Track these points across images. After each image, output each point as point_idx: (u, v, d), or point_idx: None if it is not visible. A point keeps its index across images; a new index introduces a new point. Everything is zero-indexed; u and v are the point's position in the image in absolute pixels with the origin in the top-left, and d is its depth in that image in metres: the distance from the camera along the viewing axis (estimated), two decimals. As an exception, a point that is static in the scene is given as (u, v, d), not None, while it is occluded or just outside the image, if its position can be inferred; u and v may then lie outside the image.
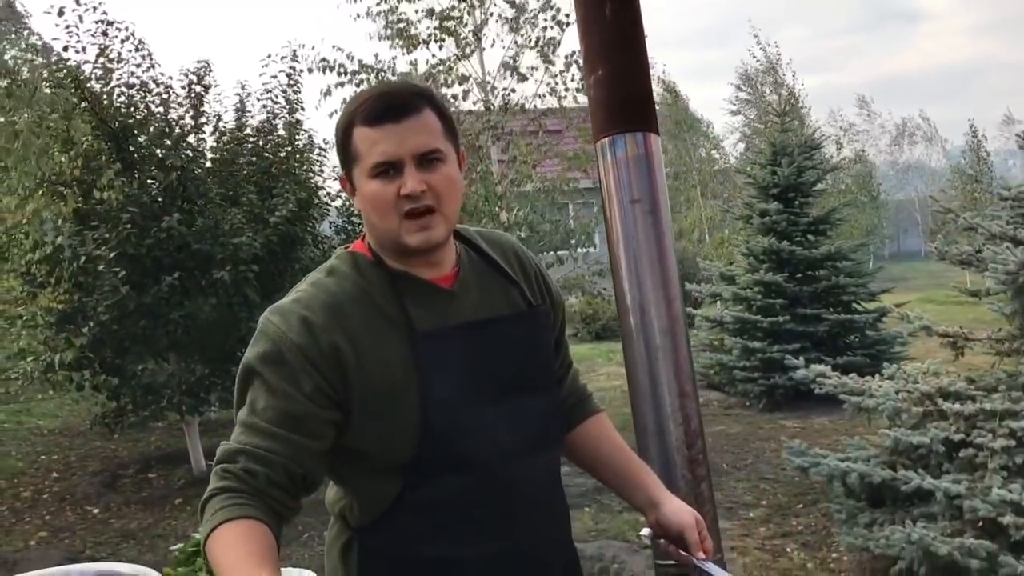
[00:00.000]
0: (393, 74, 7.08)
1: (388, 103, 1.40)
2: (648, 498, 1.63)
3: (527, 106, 7.30)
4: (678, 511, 1.59)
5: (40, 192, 6.21)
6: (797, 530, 5.55)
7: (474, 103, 7.39)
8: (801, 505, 6.01)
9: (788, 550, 5.20)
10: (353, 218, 8.23)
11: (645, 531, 1.65)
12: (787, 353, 7.17)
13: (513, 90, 7.28)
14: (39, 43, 7.09)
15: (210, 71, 7.25)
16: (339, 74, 7.09)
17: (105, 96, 6.94)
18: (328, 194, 8.09)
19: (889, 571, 4.48)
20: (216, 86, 7.44)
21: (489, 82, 7.32)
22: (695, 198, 18.67)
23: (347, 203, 8.22)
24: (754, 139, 23.78)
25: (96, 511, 6.84)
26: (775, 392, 8.98)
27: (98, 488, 7.37)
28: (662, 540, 1.62)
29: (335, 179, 8.31)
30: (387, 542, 1.47)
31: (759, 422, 8.72)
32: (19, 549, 5.99)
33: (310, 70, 7.20)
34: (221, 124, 7.60)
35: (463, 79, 7.31)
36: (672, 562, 2.11)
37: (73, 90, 6.62)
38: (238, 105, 7.74)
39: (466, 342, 1.46)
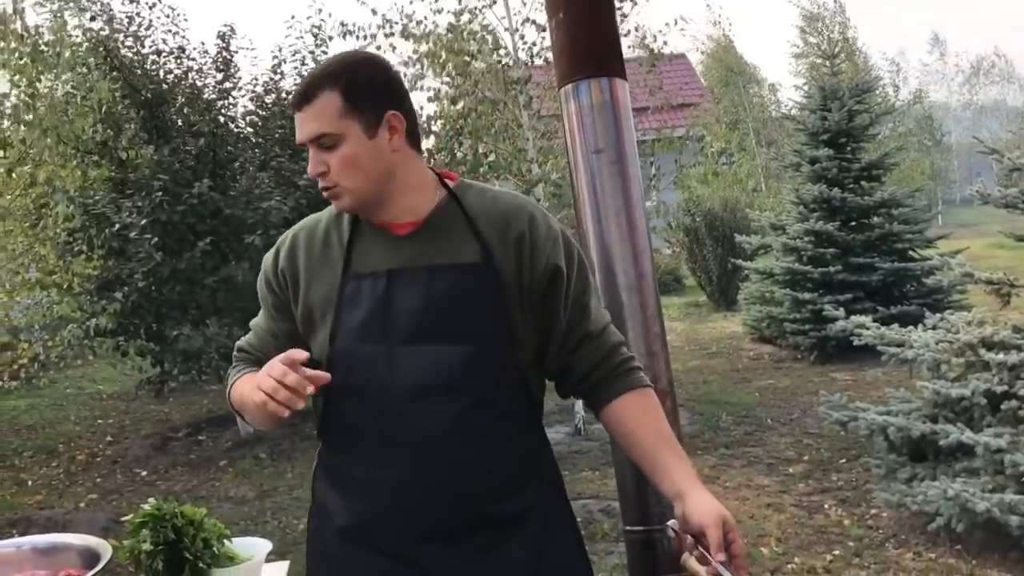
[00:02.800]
0: (407, 36, 6.95)
1: (296, 93, 1.59)
2: (675, 489, 1.55)
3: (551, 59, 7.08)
4: (701, 507, 1.50)
5: (73, 161, 6.28)
6: (837, 486, 5.40)
7: (502, 54, 7.21)
8: (844, 460, 5.84)
9: (825, 506, 5.06)
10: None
11: (671, 522, 1.57)
12: (839, 304, 6.96)
13: (535, 43, 7.09)
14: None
15: (234, 35, 7.24)
16: (358, 38, 6.99)
17: (137, 64, 6.97)
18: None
19: (927, 527, 4.33)
20: (252, 49, 7.43)
21: (517, 29, 7.13)
22: (750, 146, 18.20)
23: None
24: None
25: (144, 473, 7.00)
26: (826, 344, 8.75)
27: (148, 451, 7.54)
28: (687, 536, 1.52)
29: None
30: (322, 455, 1.74)
31: (809, 375, 8.52)
32: (69, 511, 6.16)
33: (330, 38, 7.12)
34: (252, 88, 7.59)
35: (486, 29, 7.14)
36: (639, 528, 2.04)
37: (104, 58, 6.65)
38: (270, 69, 7.71)
39: (389, 284, 1.58)
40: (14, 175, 5.74)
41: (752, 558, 4.35)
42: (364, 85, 1.56)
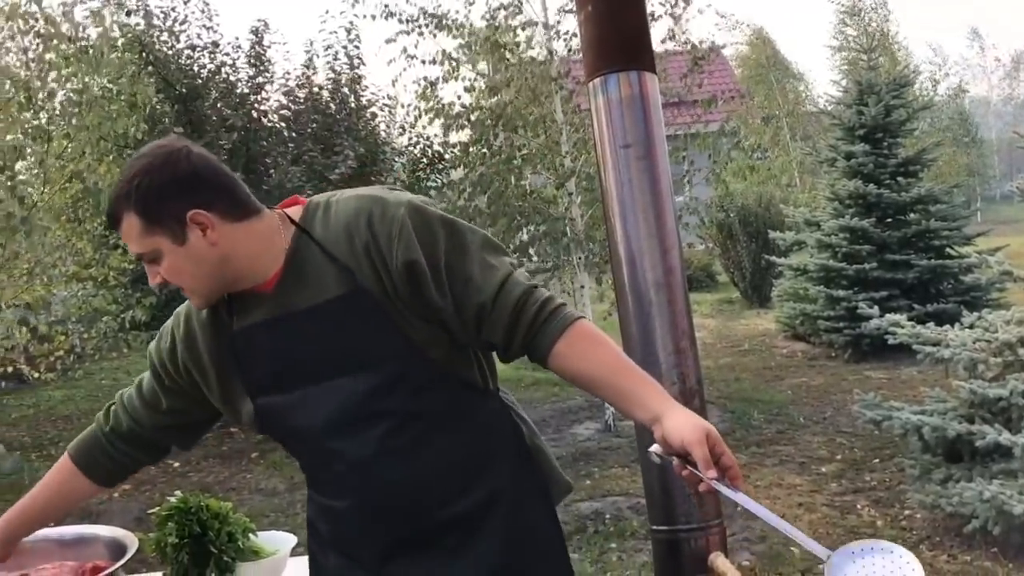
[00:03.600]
0: (442, 28, 6.93)
1: (106, 216, 1.63)
2: (649, 413, 1.44)
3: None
4: (681, 425, 1.38)
5: (110, 156, 6.35)
6: (870, 486, 5.33)
7: (539, 48, 7.19)
8: (877, 460, 5.76)
9: (858, 507, 5.00)
10: (418, 173, 8.21)
11: (653, 448, 1.44)
12: (874, 302, 6.86)
13: (575, 34, 7.04)
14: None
15: (267, 29, 7.28)
16: (400, 21, 6.99)
17: (172, 59, 7.03)
18: (393, 148, 8.07)
19: (962, 530, 4.25)
20: (285, 43, 7.48)
21: (553, 25, 7.10)
22: (784, 140, 17.99)
23: (412, 158, 8.18)
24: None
25: (177, 465, 7.07)
26: (861, 342, 8.65)
27: (181, 442, 7.60)
28: (673, 459, 1.41)
29: (400, 135, 8.30)
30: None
31: (843, 373, 8.42)
32: (103, 501, 6.23)
33: (373, 16, 7.09)
34: (284, 83, 7.63)
35: (528, 24, 7.12)
36: (665, 527, 2.01)
37: (140, 53, 6.72)
38: (302, 63, 7.75)
39: (273, 335, 1.57)
40: (53, 170, 5.82)
41: (782, 558, 4.31)
42: (155, 197, 1.48)
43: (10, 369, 5.99)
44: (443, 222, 1.54)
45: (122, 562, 1.77)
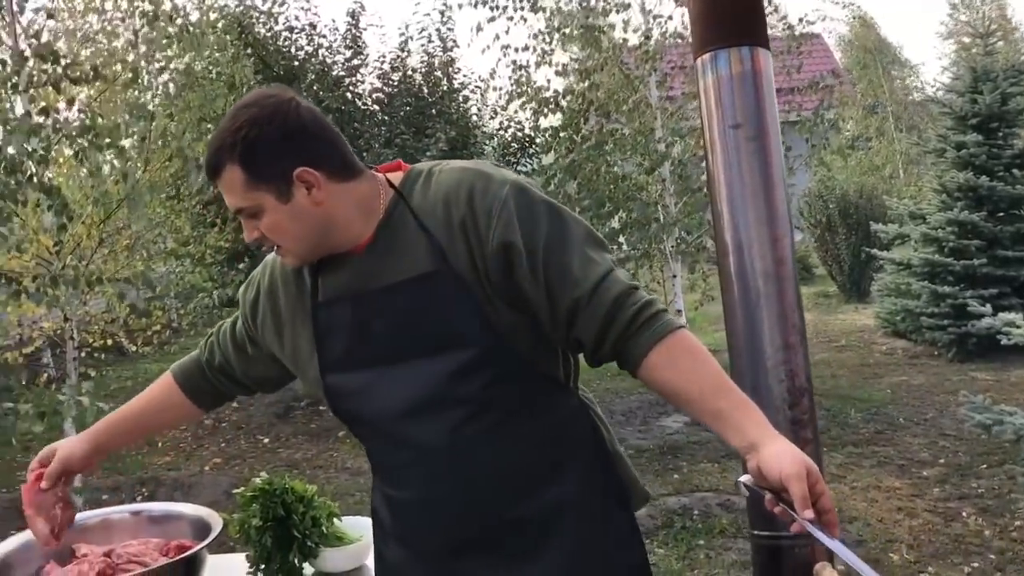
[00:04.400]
0: (536, 10, 6.84)
1: (204, 164, 1.50)
2: (745, 440, 1.32)
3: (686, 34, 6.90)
4: (780, 457, 1.26)
5: (209, 136, 6.44)
6: (976, 493, 5.05)
7: (634, 30, 7.03)
8: (985, 466, 5.46)
9: (963, 514, 4.74)
10: (508, 158, 8.14)
11: (744, 478, 1.33)
12: (983, 299, 6.52)
13: (671, 17, 6.88)
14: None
15: (364, 12, 7.30)
16: (491, 8, 6.92)
17: (270, 41, 7.12)
18: (484, 132, 8.02)
19: (1080, 546, 3.99)
20: (381, 26, 7.50)
21: (650, 9, 6.94)
22: (888, 130, 17.31)
23: (503, 142, 8.13)
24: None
25: (267, 440, 7.20)
26: (967, 341, 8.24)
27: (271, 418, 7.75)
28: (766, 492, 1.30)
29: (491, 117, 8.24)
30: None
31: (947, 373, 8.04)
32: (194, 474, 6.39)
33: (460, 5, 7.05)
34: (379, 65, 7.65)
35: (624, 6, 6.96)
36: (768, 533, 1.89)
37: (239, 35, 6.81)
38: (397, 46, 7.76)
39: (356, 308, 1.50)
40: (154, 148, 5.95)
41: (881, 564, 4.11)
42: (262, 151, 1.42)
43: (109, 342, 6.17)
44: (547, 206, 1.45)
45: (206, 542, 1.74)
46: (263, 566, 1.80)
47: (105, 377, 8.13)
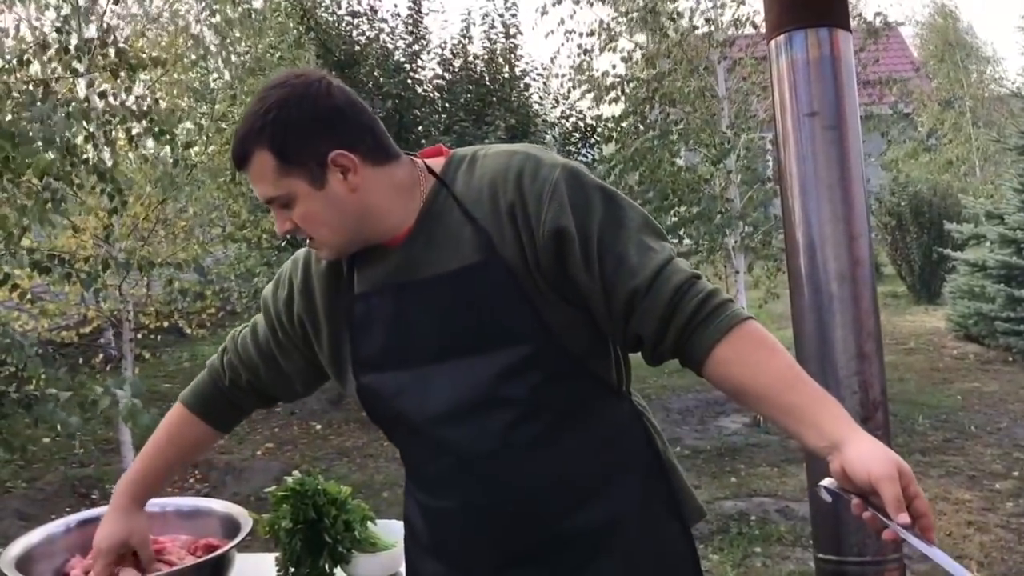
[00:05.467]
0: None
1: (231, 152, 1.39)
2: (827, 439, 1.18)
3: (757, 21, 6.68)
4: (868, 456, 1.14)
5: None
6: (1053, 510, 4.79)
7: (700, 18, 6.83)
8: (1062, 481, 5.19)
9: (1039, 532, 4.50)
10: (569, 147, 8.00)
11: (827, 482, 1.19)
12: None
13: (742, 2, 6.65)
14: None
15: (426, -3, 7.23)
16: (552, -4, 6.81)
17: (332, 25, 7.09)
18: (544, 121, 7.90)
19: None
20: (442, 12, 7.44)
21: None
22: (964, 126, 16.71)
23: (564, 131, 8.00)
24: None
25: (319, 427, 7.20)
26: (1045, 348, 7.90)
27: (324, 405, 7.75)
28: (852, 497, 1.16)
29: (553, 106, 8.11)
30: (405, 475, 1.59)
31: (1021, 381, 7.69)
32: (246, 458, 6.41)
33: (525, -7, 6.96)
34: (440, 52, 7.58)
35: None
36: (834, 557, 1.74)
37: (301, 19, 6.80)
38: (459, 32, 7.68)
39: (395, 303, 1.40)
40: (212, 132, 5.95)
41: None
42: (295, 134, 1.32)
43: (166, 324, 6.20)
44: (601, 191, 1.35)
45: (234, 543, 1.67)
46: (292, 570, 1.71)
47: (161, 359, 8.23)
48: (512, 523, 1.40)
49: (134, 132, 4.50)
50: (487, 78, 7.52)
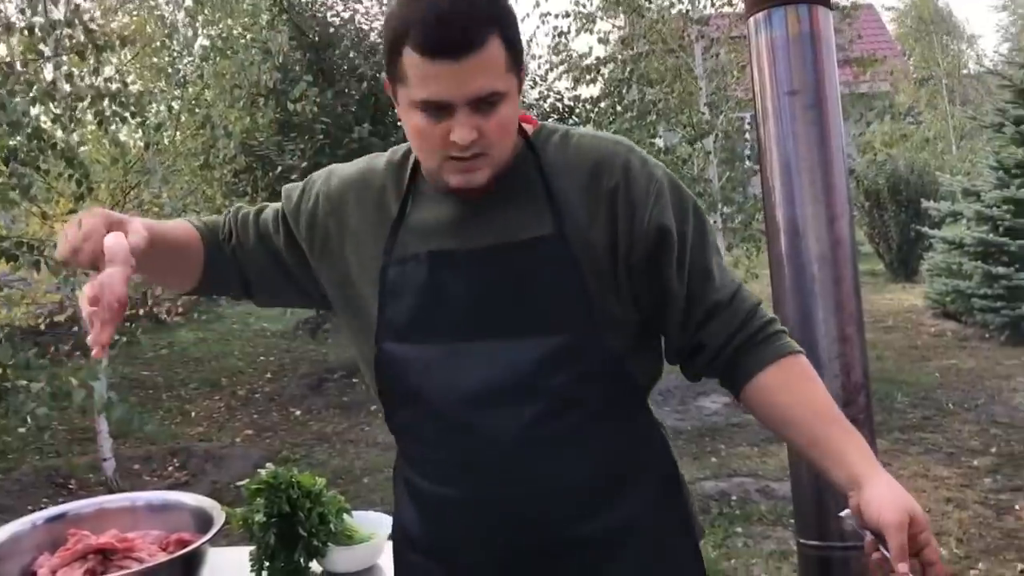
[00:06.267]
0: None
1: (446, 36, 1.16)
2: (849, 476, 1.22)
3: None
4: (881, 500, 1.16)
5: (240, 103, 6.36)
6: (1031, 485, 4.83)
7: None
8: (1040, 456, 5.23)
9: (1017, 507, 4.52)
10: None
11: (846, 513, 1.24)
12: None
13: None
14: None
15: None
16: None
17: (306, 7, 6.98)
18: (523, 102, 7.82)
19: None
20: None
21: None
22: (941, 104, 16.79)
23: (541, 112, 7.94)
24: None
25: (298, 413, 7.15)
26: (1021, 324, 7.95)
27: (304, 390, 7.70)
28: (867, 533, 1.19)
29: (531, 87, 8.05)
30: (398, 463, 1.49)
31: (998, 357, 7.75)
32: (225, 445, 6.35)
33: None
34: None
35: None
36: (816, 543, 1.73)
37: (274, 1, 6.69)
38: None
39: (441, 266, 1.30)
40: (184, 116, 5.86)
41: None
42: (516, 31, 1.23)
43: (141, 312, 6.12)
44: (695, 204, 1.37)
45: (207, 538, 1.62)
46: (267, 564, 1.67)
47: (140, 346, 8.12)
48: (521, 523, 1.33)
49: (106, 114, 4.41)
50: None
